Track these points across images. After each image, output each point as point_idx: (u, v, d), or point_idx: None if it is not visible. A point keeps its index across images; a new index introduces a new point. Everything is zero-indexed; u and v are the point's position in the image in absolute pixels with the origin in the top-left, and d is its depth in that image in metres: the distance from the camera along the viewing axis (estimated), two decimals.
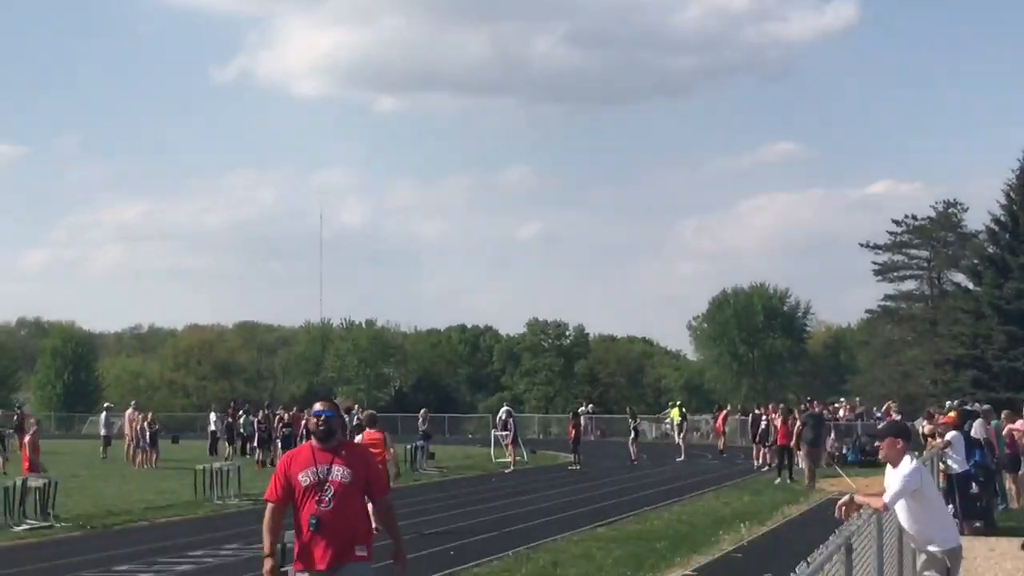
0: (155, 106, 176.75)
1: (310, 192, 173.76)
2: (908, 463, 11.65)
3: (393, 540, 10.31)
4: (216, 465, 33.41)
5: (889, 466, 11.97)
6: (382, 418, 56.43)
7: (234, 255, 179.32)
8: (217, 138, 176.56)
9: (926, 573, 12.01)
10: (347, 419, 47.03)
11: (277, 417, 48.35)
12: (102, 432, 52.85)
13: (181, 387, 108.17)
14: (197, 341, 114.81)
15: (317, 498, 9.93)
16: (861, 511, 10.71)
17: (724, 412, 59.84)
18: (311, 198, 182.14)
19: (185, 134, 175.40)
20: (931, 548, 11.95)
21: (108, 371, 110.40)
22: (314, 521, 9.86)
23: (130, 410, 50.99)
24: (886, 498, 11.45)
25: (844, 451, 46.60)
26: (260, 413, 50.11)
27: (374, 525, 10.44)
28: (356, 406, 54.17)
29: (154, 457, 46.94)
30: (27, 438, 29.84)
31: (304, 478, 9.99)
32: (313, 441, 10.24)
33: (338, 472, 10.01)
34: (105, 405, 59.56)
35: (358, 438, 24.07)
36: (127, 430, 50.33)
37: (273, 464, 43.47)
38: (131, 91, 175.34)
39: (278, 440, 45.15)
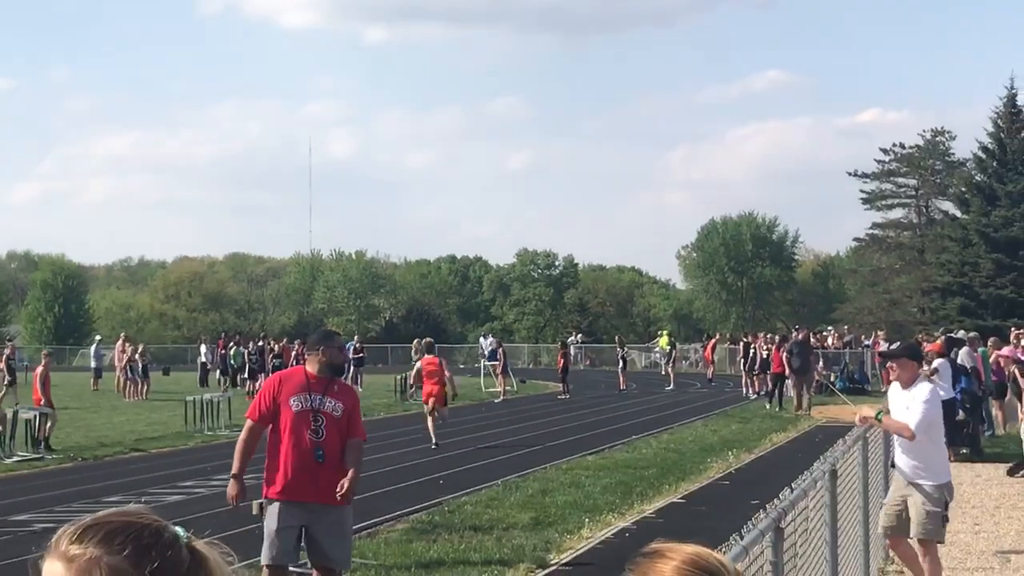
0: (143, 38, 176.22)
1: (299, 124, 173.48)
2: (927, 388, 11.49)
3: (352, 472, 9.87)
4: (206, 396, 33.53)
5: (896, 387, 11.85)
6: (372, 348, 56.72)
7: (224, 187, 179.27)
8: (206, 70, 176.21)
9: (927, 508, 11.54)
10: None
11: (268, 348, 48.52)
12: (93, 364, 53.02)
13: (171, 319, 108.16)
14: (187, 273, 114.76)
15: (312, 428, 9.79)
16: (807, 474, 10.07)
17: (713, 341, 60.12)
18: (300, 130, 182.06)
19: (174, 66, 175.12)
20: (928, 482, 11.60)
21: (98, 304, 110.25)
22: (320, 452, 9.76)
23: (120, 342, 51.08)
24: (912, 425, 11.27)
25: (832, 379, 46.82)
26: (252, 344, 50.21)
27: None
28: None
29: (145, 389, 47.06)
30: (39, 370, 29.77)
31: (296, 403, 9.83)
32: (310, 368, 10.09)
33: (330, 404, 9.90)
34: (95, 337, 59.70)
35: (417, 364, 28.63)
36: (117, 362, 50.44)
37: None
38: (119, 23, 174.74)
39: (270, 371, 45.29)
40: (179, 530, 2.23)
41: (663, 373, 54.99)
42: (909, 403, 11.46)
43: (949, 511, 11.90)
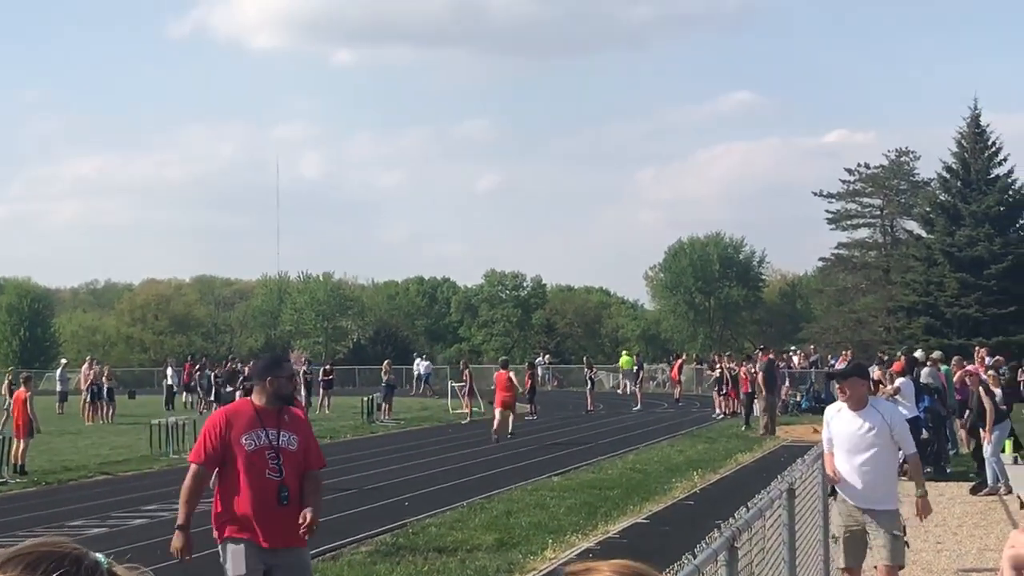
0: (112, 60, 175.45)
1: (268, 145, 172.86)
2: (894, 405, 11.37)
3: (313, 506, 9.16)
4: (171, 420, 33.41)
5: (840, 409, 11.18)
6: (340, 370, 56.66)
7: (191, 209, 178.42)
8: (174, 92, 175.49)
9: (894, 533, 11.01)
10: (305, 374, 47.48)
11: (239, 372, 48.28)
12: (58, 388, 52.75)
13: (138, 342, 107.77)
14: (154, 295, 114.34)
15: (269, 467, 8.99)
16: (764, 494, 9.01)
17: (680, 361, 60.18)
18: (269, 151, 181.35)
19: (143, 88, 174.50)
20: (889, 507, 11.08)
21: (65, 327, 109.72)
22: (285, 494, 8.95)
23: (85, 365, 50.84)
24: (913, 449, 11.20)
25: (799, 398, 46.99)
26: (220, 368, 49.89)
27: None
28: (308, 362, 54.31)
29: (110, 412, 46.83)
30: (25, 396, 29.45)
31: (248, 442, 8.98)
32: (256, 400, 9.27)
33: (284, 438, 9.10)
34: (61, 361, 59.42)
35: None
36: (83, 385, 50.20)
37: None
38: (88, 45, 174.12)
39: (238, 395, 45.12)
40: (100, 556, 2.25)
41: (624, 393, 54.99)
42: (871, 426, 10.87)
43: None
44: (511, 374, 36.47)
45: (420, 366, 66.70)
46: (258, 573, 9.05)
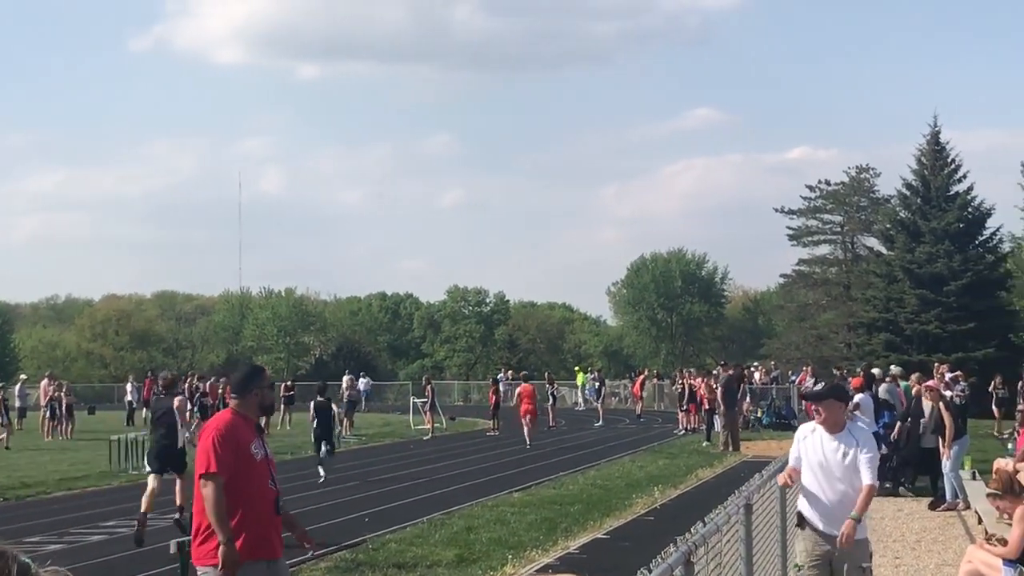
0: (73, 75, 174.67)
1: (230, 161, 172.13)
2: (863, 429, 10.48)
3: (295, 523, 9.51)
4: (131, 436, 33.23)
5: (815, 431, 10.44)
6: (300, 387, 56.48)
7: (153, 224, 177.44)
8: (136, 107, 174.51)
9: (863, 565, 10.36)
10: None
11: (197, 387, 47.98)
12: (17, 404, 52.38)
13: (99, 357, 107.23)
14: (114, 311, 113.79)
15: (271, 476, 8.95)
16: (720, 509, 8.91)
17: (642, 377, 60.29)
18: (231, 167, 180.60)
19: (104, 103, 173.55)
20: (858, 536, 10.21)
21: (24, 342, 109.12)
22: (280, 504, 8.97)
23: (45, 381, 50.53)
24: (873, 480, 10.17)
25: (759, 414, 47.12)
26: (188, 382, 49.47)
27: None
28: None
29: (69, 428, 46.54)
30: None
31: (257, 450, 8.86)
32: (242, 411, 9.10)
33: (270, 449, 9.18)
34: (20, 376, 59.06)
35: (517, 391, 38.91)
36: (42, 401, 49.90)
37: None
38: (49, 60, 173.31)
39: (196, 411, 44.86)
40: (27, 559, 2.29)
41: (580, 408, 55.00)
42: (847, 451, 10.16)
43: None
44: (533, 387, 42.75)
45: (361, 384, 65.47)
46: None
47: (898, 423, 24.93)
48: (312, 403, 30.25)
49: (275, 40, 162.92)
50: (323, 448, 28.49)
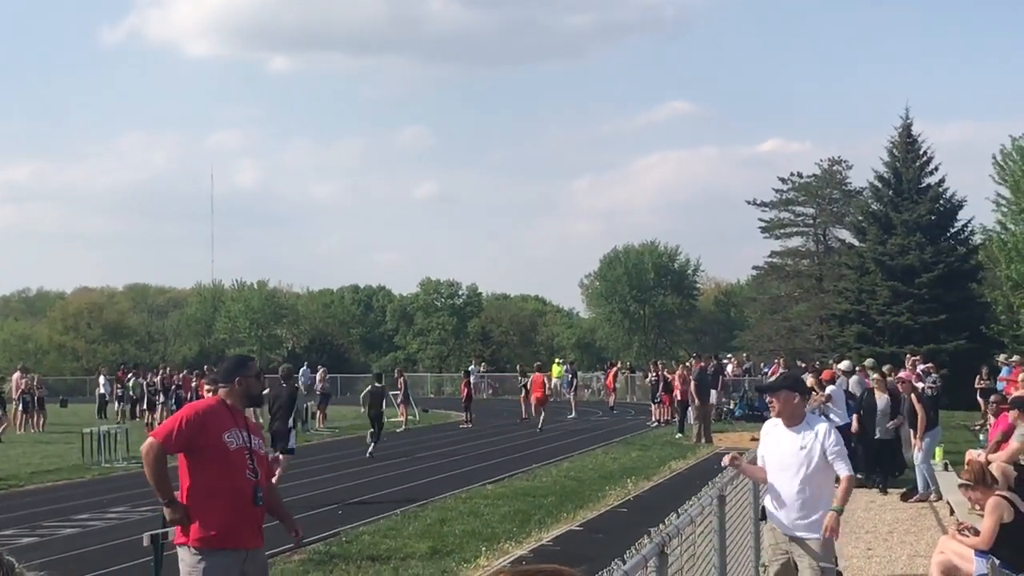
0: (45, 67, 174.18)
1: (203, 154, 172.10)
2: (821, 421, 10.11)
3: (285, 513, 9.45)
4: (103, 428, 33.12)
5: (775, 425, 10.26)
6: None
7: (125, 217, 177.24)
8: (109, 99, 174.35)
9: (823, 565, 9.97)
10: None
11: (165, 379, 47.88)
12: None
13: (71, 350, 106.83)
14: (86, 304, 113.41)
15: (247, 467, 8.84)
16: (695, 499, 8.66)
17: (614, 369, 60.34)
18: (204, 160, 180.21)
19: (77, 95, 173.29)
20: (816, 535, 9.91)
21: None
22: (260, 495, 8.85)
23: (17, 374, 50.32)
24: (844, 472, 9.84)
25: (732, 406, 47.20)
26: (159, 374, 49.38)
27: None
28: None
29: (41, 421, 46.35)
30: None
31: (230, 440, 8.78)
32: (232, 400, 9.08)
33: (255, 441, 9.06)
34: None
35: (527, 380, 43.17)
36: (14, 394, 49.66)
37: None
38: (22, 50, 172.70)
39: (172, 403, 44.87)
40: (11, 559, 2.27)
41: (565, 401, 54.95)
42: (803, 444, 9.86)
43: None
44: (545, 377, 44.53)
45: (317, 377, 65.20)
46: None
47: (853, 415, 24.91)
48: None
49: (248, 32, 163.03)
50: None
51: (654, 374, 46.17)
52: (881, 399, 23.94)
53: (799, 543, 10.05)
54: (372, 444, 33.08)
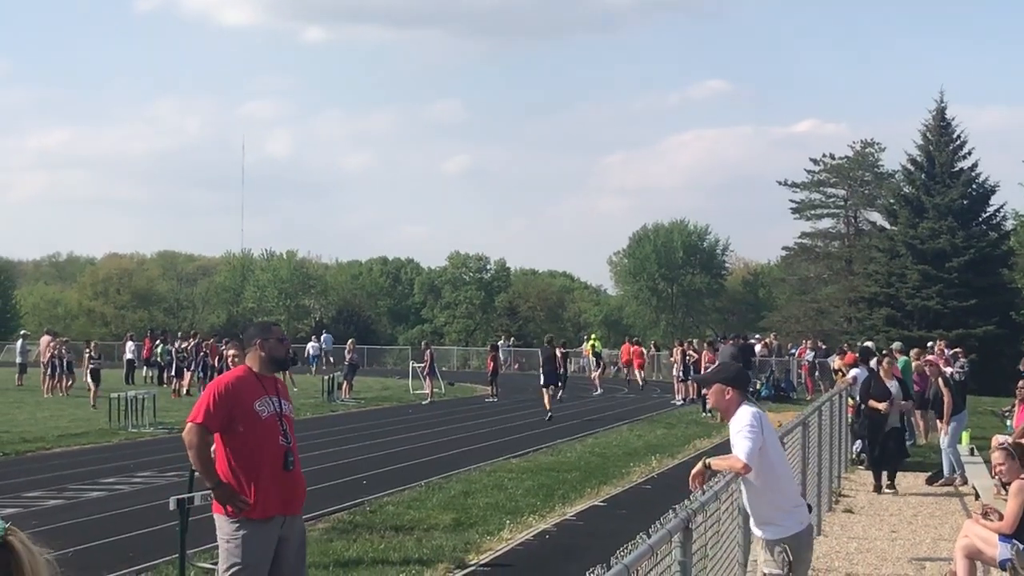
0: (81, 33, 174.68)
1: (235, 122, 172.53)
2: (745, 411, 8.86)
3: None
4: (131, 393, 33.26)
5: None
6: (299, 348, 56.45)
7: (157, 184, 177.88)
8: (142, 66, 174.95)
9: (764, 571, 9.05)
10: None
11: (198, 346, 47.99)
12: (18, 360, 52.49)
13: (100, 316, 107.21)
14: (116, 270, 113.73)
15: (282, 433, 8.95)
16: (719, 476, 8.56)
17: (635, 348, 60.16)
18: (236, 128, 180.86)
19: (111, 62, 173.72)
20: (767, 533, 9.03)
21: (25, 299, 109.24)
22: (291, 459, 8.91)
23: (46, 337, 50.57)
24: (742, 456, 8.58)
25: (758, 386, 47.09)
26: (187, 341, 49.47)
27: None
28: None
29: (68, 384, 46.50)
30: None
31: (262, 408, 8.86)
32: (253, 366, 9.11)
33: (286, 406, 9.11)
34: (21, 333, 59.14)
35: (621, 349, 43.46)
36: (43, 358, 49.89)
37: (190, 394, 43.39)
38: (57, 17, 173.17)
39: (199, 371, 45.12)
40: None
41: (591, 378, 54.86)
42: (732, 433, 8.96)
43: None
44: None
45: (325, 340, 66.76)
46: (272, 552, 8.89)
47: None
48: None
49: (282, 1, 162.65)
50: None
51: (686, 352, 45.94)
52: (892, 386, 22.74)
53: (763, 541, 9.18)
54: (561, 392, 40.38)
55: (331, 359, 62.10)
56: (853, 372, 24.87)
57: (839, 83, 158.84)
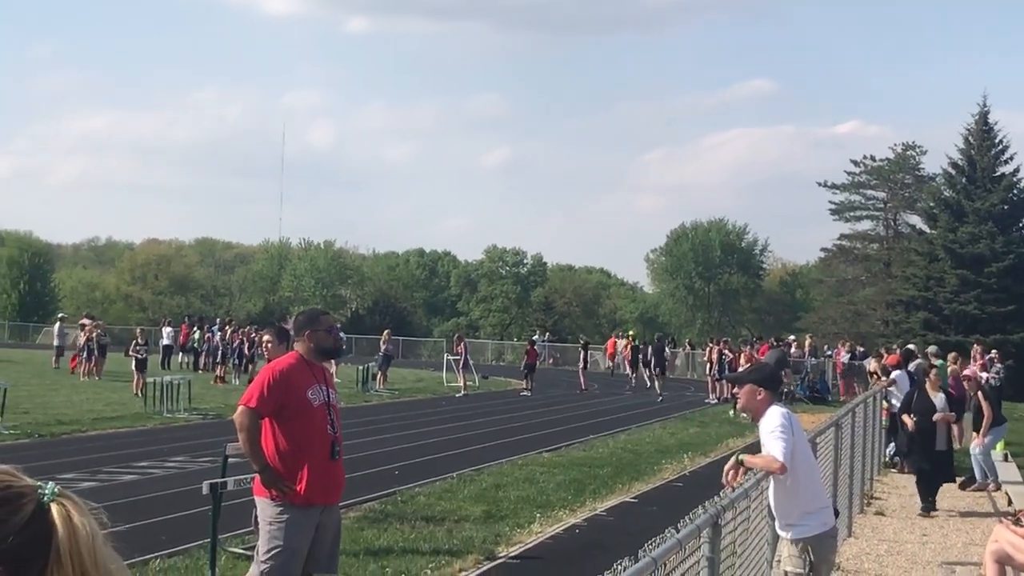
0: (125, 19, 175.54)
1: (277, 111, 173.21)
2: (776, 412, 8.99)
3: None
4: (166, 379, 33.43)
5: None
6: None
7: (197, 171, 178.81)
8: (186, 53, 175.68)
9: (787, 569, 9.16)
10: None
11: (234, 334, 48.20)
12: (55, 343, 52.78)
13: (137, 301, 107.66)
14: (154, 255, 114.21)
15: (330, 423, 9.10)
16: (751, 474, 8.62)
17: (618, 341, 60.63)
18: (278, 117, 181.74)
19: (155, 49, 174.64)
20: (790, 533, 9.16)
21: (64, 282, 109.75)
22: (337, 449, 9.08)
23: (85, 320, 50.88)
24: (779, 455, 8.67)
25: (793, 387, 46.97)
26: (227, 329, 49.61)
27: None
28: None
29: (100, 367, 46.56)
30: None
31: (314, 396, 8.98)
32: (306, 355, 9.19)
33: (333, 395, 9.24)
34: (59, 316, 59.49)
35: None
36: (81, 341, 50.14)
37: (225, 381, 43.63)
38: (101, 3, 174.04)
39: (235, 358, 45.45)
40: (46, 489, 2.14)
41: (627, 373, 54.81)
42: (763, 434, 9.08)
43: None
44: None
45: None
46: (311, 538, 8.98)
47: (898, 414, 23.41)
48: None
49: None
50: None
51: (721, 351, 45.92)
52: (937, 399, 20.65)
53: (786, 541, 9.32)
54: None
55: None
56: (895, 374, 24.78)
57: (884, 85, 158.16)
